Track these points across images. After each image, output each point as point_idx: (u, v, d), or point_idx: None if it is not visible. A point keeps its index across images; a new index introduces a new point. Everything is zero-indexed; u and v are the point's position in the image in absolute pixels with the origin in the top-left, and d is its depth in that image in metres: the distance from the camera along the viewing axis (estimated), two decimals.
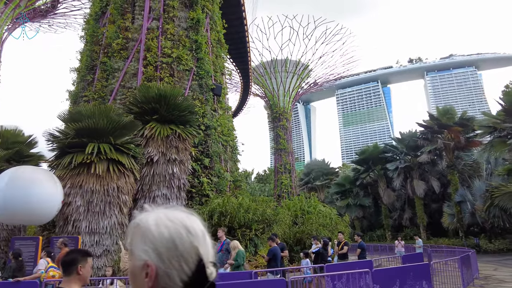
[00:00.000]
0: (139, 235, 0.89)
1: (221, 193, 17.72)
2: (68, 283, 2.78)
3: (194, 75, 20.03)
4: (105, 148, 11.09)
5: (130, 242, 0.92)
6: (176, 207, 0.95)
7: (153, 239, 0.86)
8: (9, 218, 9.24)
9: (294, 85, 52.63)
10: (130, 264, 0.91)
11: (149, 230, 0.88)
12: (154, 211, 0.92)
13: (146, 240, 0.87)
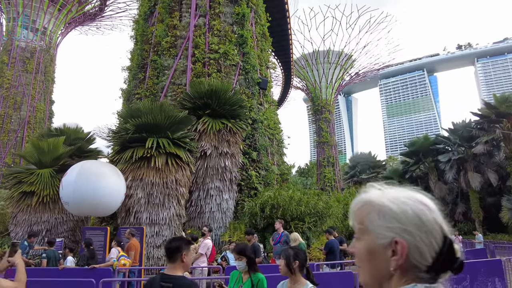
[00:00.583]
0: (375, 212, 0.87)
1: (268, 186, 17.81)
2: (173, 269, 2.91)
3: (240, 70, 20.21)
4: (164, 143, 11.52)
5: (361, 220, 0.90)
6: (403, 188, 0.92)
7: (396, 216, 0.84)
8: (79, 210, 9.87)
9: (337, 76, 51.50)
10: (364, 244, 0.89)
11: (387, 207, 0.85)
12: (382, 189, 0.91)
13: (387, 217, 0.85)
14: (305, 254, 3.62)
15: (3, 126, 45.94)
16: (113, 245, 8.41)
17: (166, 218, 11.42)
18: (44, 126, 48.67)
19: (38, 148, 12.76)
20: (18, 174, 12.59)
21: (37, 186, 11.95)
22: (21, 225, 11.96)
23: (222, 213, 13.87)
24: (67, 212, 12.66)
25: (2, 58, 48.60)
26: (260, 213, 13.78)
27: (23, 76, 48.76)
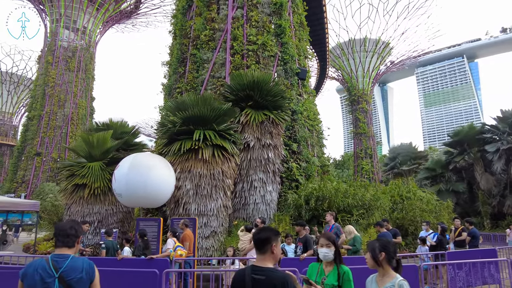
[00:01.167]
0: None
1: (309, 178, 17.51)
2: (263, 261, 2.75)
3: (279, 61, 19.94)
4: (210, 135, 11.54)
5: None
6: None
7: None
8: (131, 201, 10.08)
9: (374, 65, 49.94)
10: None
11: None
12: None
13: None
14: (393, 245, 3.38)
15: (49, 123, 48.33)
16: (168, 235, 8.51)
17: (214, 209, 11.47)
18: (86, 122, 50.76)
19: (87, 142, 13.18)
20: (70, 167, 13.09)
21: (89, 179, 12.37)
22: (74, 216, 12.43)
23: (266, 204, 13.77)
24: (117, 204, 13.05)
25: (47, 58, 50.99)
26: (305, 205, 13.58)
27: (66, 75, 50.97)
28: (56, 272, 2.63)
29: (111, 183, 12.65)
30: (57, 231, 2.81)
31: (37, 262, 2.66)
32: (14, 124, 73.48)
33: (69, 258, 2.74)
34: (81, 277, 2.70)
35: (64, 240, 2.79)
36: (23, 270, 2.65)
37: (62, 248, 2.78)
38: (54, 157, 47.17)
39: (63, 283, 2.62)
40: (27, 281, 2.58)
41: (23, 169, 47.34)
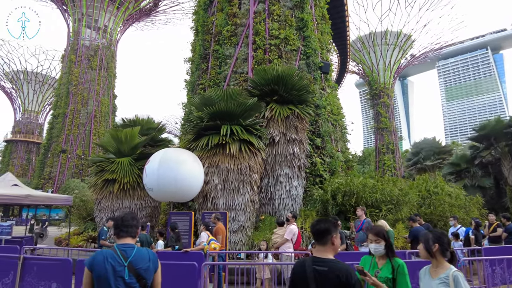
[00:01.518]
0: None
1: (334, 174, 17.34)
2: (324, 252, 2.71)
3: (301, 54, 19.76)
4: (237, 130, 11.56)
5: None
6: None
7: None
8: (162, 195, 10.22)
9: (395, 58, 48.94)
10: None
11: None
12: None
13: None
14: (447, 237, 3.33)
15: (73, 121, 49.54)
16: (202, 229, 8.59)
17: (242, 204, 11.51)
18: (108, 119, 51.79)
19: (116, 138, 13.41)
20: (100, 163, 13.37)
21: (118, 174, 12.59)
22: (104, 211, 12.71)
23: (292, 200, 13.71)
24: (145, 199, 13.26)
25: (70, 57, 52.18)
26: (332, 200, 13.46)
27: (88, 73, 52.06)
28: (125, 261, 2.67)
29: (140, 178, 12.90)
30: (120, 222, 2.85)
31: (104, 252, 2.70)
32: (40, 122, 75.62)
33: (135, 247, 2.79)
34: (148, 266, 2.75)
35: (128, 230, 2.85)
36: (90, 261, 2.67)
37: (126, 238, 2.83)
38: (78, 154, 48.38)
39: (132, 272, 2.66)
40: (98, 271, 2.61)
41: (49, 165, 48.75)
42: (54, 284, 6.06)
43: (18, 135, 71.82)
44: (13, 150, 70.87)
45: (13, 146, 71.10)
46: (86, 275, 2.65)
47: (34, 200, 10.16)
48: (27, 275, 6.29)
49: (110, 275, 2.60)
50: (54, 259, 6.26)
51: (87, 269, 2.66)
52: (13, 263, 6.35)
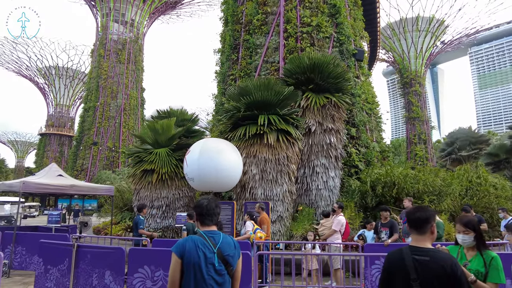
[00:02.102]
0: None
1: (369, 164, 16.89)
2: (422, 241, 2.54)
3: (334, 42, 19.23)
4: (274, 119, 11.36)
5: None
6: None
7: None
8: (202, 185, 10.20)
9: (427, 45, 47.12)
10: None
11: None
12: None
13: None
14: None
15: (104, 114, 50.78)
16: (246, 218, 8.52)
17: (280, 194, 11.36)
18: (137, 112, 52.77)
19: (153, 129, 13.52)
20: (138, 153, 13.53)
21: (156, 164, 12.70)
22: (143, 201, 12.86)
23: (328, 191, 13.44)
24: (183, 189, 13.34)
25: (99, 52, 53.33)
26: (371, 191, 13.10)
27: (117, 67, 53.08)
28: (214, 248, 2.58)
29: (178, 168, 12.98)
30: (204, 210, 2.75)
31: (193, 239, 2.60)
32: (71, 116, 78.11)
33: (222, 234, 2.70)
34: (234, 253, 2.67)
35: (213, 218, 2.77)
36: (180, 247, 2.55)
37: (210, 225, 2.74)
38: (109, 146, 49.66)
39: (221, 259, 2.58)
40: (189, 258, 2.50)
41: (81, 157, 50.34)
42: (108, 272, 6.12)
43: (51, 129, 74.53)
44: (47, 143, 73.67)
45: (47, 139, 73.89)
46: (176, 262, 2.53)
47: (79, 190, 10.39)
48: (81, 262, 6.38)
49: (202, 262, 2.50)
50: (108, 247, 6.34)
51: (176, 256, 2.54)
52: (68, 251, 6.47)
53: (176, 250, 2.55)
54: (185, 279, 2.51)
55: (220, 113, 13.34)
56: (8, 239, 9.20)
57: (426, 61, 49.17)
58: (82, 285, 6.35)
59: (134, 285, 5.89)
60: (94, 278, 6.24)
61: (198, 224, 2.79)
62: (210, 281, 2.51)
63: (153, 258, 5.92)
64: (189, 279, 2.49)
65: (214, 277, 2.53)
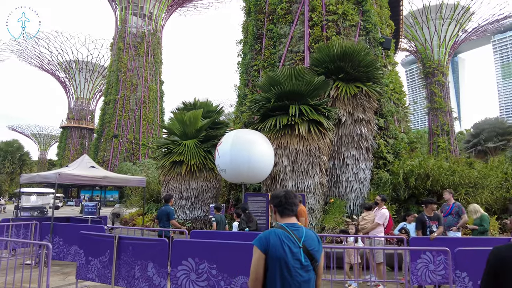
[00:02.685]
0: None
1: (397, 156, 16.45)
2: None
3: (361, 30, 18.68)
4: (306, 109, 11.09)
5: None
6: None
7: None
8: (234, 176, 10.06)
9: (451, 33, 45.62)
10: None
11: None
12: None
13: None
14: None
15: (124, 107, 51.30)
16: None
17: (311, 186, 11.12)
18: (156, 105, 53.11)
19: (181, 120, 13.44)
20: (167, 145, 13.50)
21: (185, 156, 12.64)
22: (173, 192, 12.85)
23: (359, 183, 13.14)
24: (211, 180, 13.27)
25: (119, 45, 53.73)
26: (404, 183, 12.74)
27: (136, 60, 53.41)
28: (299, 242, 2.38)
29: (207, 160, 12.89)
30: (283, 200, 2.56)
31: (277, 232, 2.40)
32: (91, 109, 79.38)
33: (303, 227, 2.50)
34: (319, 248, 2.46)
35: (293, 209, 2.56)
36: (263, 241, 2.35)
37: (291, 217, 2.54)
38: (129, 139, 50.25)
39: (307, 254, 2.38)
40: (275, 253, 2.30)
41: (102, 150, 51.13)
42: (151, 264, 6.05)
43: (72, 122, 75.98)
44: (68, 136, 75.17)
45: (68, 132, 75.37)
46: (260, 258, 2.32)
47: (111, 181, 10.41)
48: (123, 254, 6.34)
49: (289, 257, 2.31)
50: (151, 239, 6.26)
51: (260, 251, 2.33)
52: (109, 242, 6.43)
53: (259, 244, 2.35)
54: (269, 276, 2.31)
55: (244, 104, 13.09)
56: (45, 230, 9.30)
57: (450, 50, 47.67)
58: (124, 277, 6.32)
59: (178, 278, 5.80)
60: (136, 270, 6.18)
61: (276, 216, 2.59)
62: (297, 278, 2.32)
63: (197, 250, 5.80)
64: (274, 276, 2.30)
65: (301, 274, 2.34)
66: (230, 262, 5.61)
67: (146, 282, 6.06)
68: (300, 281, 2.33)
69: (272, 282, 2.31)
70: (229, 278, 5.55)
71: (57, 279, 8.01)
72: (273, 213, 2.65)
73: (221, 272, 5.61)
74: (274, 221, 2.65)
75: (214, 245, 5.79)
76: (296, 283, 2.31)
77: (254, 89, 18.68)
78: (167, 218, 8.96)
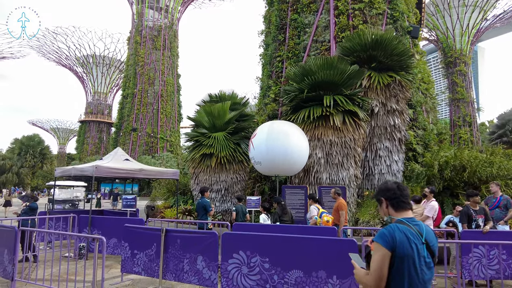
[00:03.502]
0: None
1: (427, 148, 16.04)
2: None
3: (388, 19, 18.16)
4: (341, 100, 10.83)
5: None
6: None
7: None
8: (270, 169, 9.93)
9: (475, 21, 44.21)
10: None
11: None
12: None
13: None
14: None
15: (142, 100, 51.63)
16: (310, 202, 8.19)
17: (346, 179, 10.91)
18: (174, 98, 53.26)
19: (210, 113, 13.33)
20: (197, 137, 13.42)
21: (215, 148, 12.55)
22: (203, 184, 12.78)
23: (392, 175, 12.84)
24: (240, 173, 13.16)
25: (136, 39, 53.93)
26: (439, 175, 12.38)
27: (153, 53, 53.56)
28: (422, 237, 2.19)
29: (236, 152, 12.76)
30: (398, 192, 2.37)
31: (399, 228, 2.21)
32: (108, 103, 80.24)
33: (421, 222, 2.31)
34: (437, 243, 2.27)
35: (409, 202, 2.37)
36: (389, 239, 2.13)
37: (407, 210, 2.36)
38: (148, 132, 50.62)
39: (429, 250, 2.19)
40: (402, 250, 2.12)
41: (121, 143, 51.68)
42: (200, 257, 5.97)
43: (90, 116, 76.99)
44: (86, 130, 76.26)
45: (86, 126, 76.45)
46: (385, 256, 2.12)
47: (147, 174, 10.40)
48: (171, 247, 6.27)
49: (416, 255, 2.13)
50: (199, 232, 6.17)
51: (385, 249, 2.13)
52: (155, 236, 6.37)
53: (384, 241, 2.16)
54: (395, 275, 2.13)
55: (268, 96, 12.83)
56: (83, 223, 9.35)
57: (472, 38, 46.25)
58: (172, 270, 6.26)
59: (229, 272, 5.70)
60: (185, 264, 6.11)
61: (389, 210, 2.40)
62: (423, 276, 2.14)
63: (249, 243, 5.68)
64: (402, 276, 2.12)
65: (426, 271, 2.16)
66: (283, 255, 5.46)
67: (195, 275, 5.98)
68: (426, 280, 2.15)
69: (399, 282, 2.12)
70: (283, 272, 5.41)
71: (99, 272, 8.03)
72: (382, 207, 2.46)
73: (274, 265, 5.48)
74: (386, 216, 2.45)
75: (267, 238, 5.66)
76: (422, 281, 2.14)
77: (278, 81, 18.43)
78: (204, 211, 8.90)
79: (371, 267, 2.18)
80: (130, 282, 7.12)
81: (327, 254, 5.27)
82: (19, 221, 8.52)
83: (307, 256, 5.39)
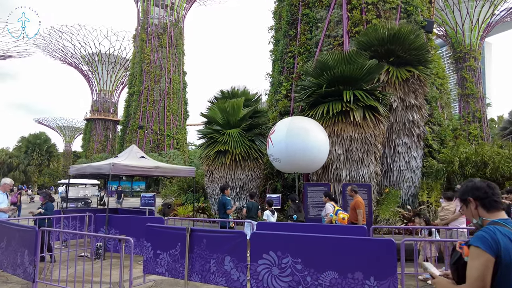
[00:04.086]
0: None
1: (442, 144, 15.71)
2: None
3: (402, 13, 17.81)
4: (361, 95, 10.55)
5: None
6: None
7: None
8: (289, 166, 9.70)
9: (485, 15, 43.56)
10: None
11: None
12: None
13: None
14: None
15: (148, 98, 51.51)
16: (325, 200, 7.97)
17: (366, 176, 10.64)
18: (180, 96, 53.10)
19: (223, 110, 13.10)
20: (210, 134, 13.20)
21: (230, 145, 12.33)
22: (217, 182, 12.60)
23: (411, 171, 12.55)
24: (255, 170, 12.94)
25: (141, 36, 53.76)
26: (460, 171, 12.09)
27: (159, 51, 53.37)
28: None
29: (251, 149, 12.52)
30: (490, 192, 2.12)
31: (500, 230, 1.96)
32: (114, 101, 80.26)
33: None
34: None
35: (501, 202, 2.13)
36: (492, 243, 1.88)
37: (500, 211, 2.11)
38: (154, 130, 50.52)
39: None
40: (509, 256, 1.88)
41: (128, 141, 51.61)
42: (228, 257, 5.75)
43: (96, 114, 77.06)
44: (92, 128, 76.34)
45: (92, 124, 76.53)
46: (488, 262, 1.88)
47: (163, 171, 10.21)
48: (196, 247, 6.06)
49: None
50: (227, 231, 5.97)
51: (488, 255, 1.88)
52: (180, 235, 6.16)
53: (486, 246, 1.90)
54: (500, 284, 1.88)
55: (279, 92, 12.54)
56: (99, 222, 9.17)
57: (482, 33, 45.61)
58: (197, 271, 6.05)
59: (259, 273, 5.47)
60: (212, 264, 5.89)
61: (481, 211, 2.15)
62: None
63: (279, 243, 5.45)
64: (508, 284, 1.87)
65: None
66: (316, 256, 5.22)
67: (223, 276, 5.76)
68: None
69: None
70: (316, 274, 5.17)
71: (116, 272, 7.85)
72: (469, 208, 2.21)
73: (307, 266, 5.24)
74: (476, 218, 2.19)
75: (298, 238, 5.42)
76: None
77: (289, 77, 18.17)
78: (224, 209, 8.71)
79: (470, 275, 1.92)
80: (152, 283, 6.93)
81: (363, 255, 5.03)
82: (35, 221, 8.35)
83: (341, 257, 5.15)
